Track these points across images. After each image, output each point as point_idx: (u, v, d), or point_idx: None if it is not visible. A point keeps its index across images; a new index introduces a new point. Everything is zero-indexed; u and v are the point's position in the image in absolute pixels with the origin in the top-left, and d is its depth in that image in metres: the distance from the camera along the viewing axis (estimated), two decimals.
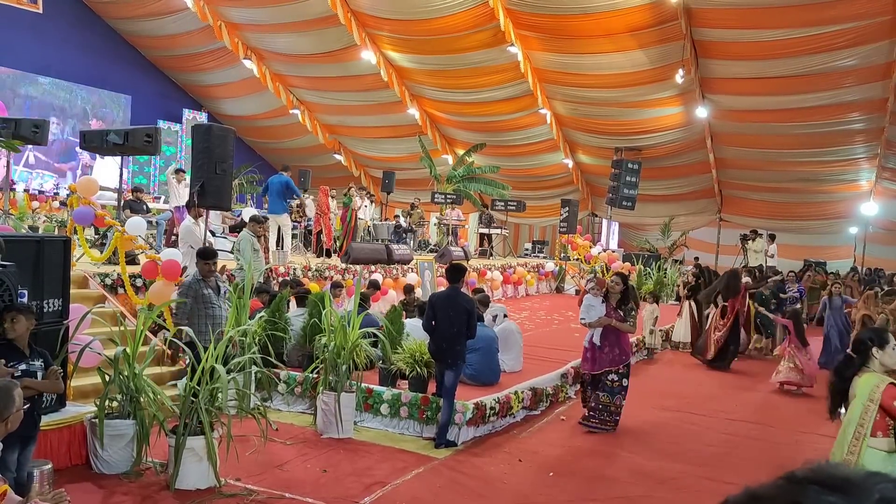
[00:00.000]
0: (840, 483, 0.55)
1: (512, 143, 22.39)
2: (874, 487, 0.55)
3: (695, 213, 22.56)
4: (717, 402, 8.89)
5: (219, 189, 8.54)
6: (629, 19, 16.27)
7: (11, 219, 10.06)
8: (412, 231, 18.19)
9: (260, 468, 5.46)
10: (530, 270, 18.37)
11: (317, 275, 11.45)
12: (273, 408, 7.25)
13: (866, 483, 0.56)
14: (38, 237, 6.78)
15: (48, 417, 5.19)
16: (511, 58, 18.40)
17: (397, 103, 21.71)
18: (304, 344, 7.91)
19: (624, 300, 7.17)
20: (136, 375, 5.39)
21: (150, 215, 12.68)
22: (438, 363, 6.58)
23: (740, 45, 16.16)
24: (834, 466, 0.58)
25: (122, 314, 7.28)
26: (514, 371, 8.34)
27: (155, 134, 9.56)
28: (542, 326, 12.62)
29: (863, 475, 0.57)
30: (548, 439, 6.88)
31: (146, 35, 22.61)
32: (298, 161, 22.49)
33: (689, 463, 6.36)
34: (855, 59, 15.57)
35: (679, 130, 19.88)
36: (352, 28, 18.81)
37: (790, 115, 17.60)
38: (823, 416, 8.61)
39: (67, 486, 4.88)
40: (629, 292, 7.25)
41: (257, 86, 22.69)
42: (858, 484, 0.55)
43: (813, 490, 0.55)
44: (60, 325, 5.58)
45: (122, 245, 8.10)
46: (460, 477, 5.73)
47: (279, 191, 12.23)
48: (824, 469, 0.57)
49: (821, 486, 0.55)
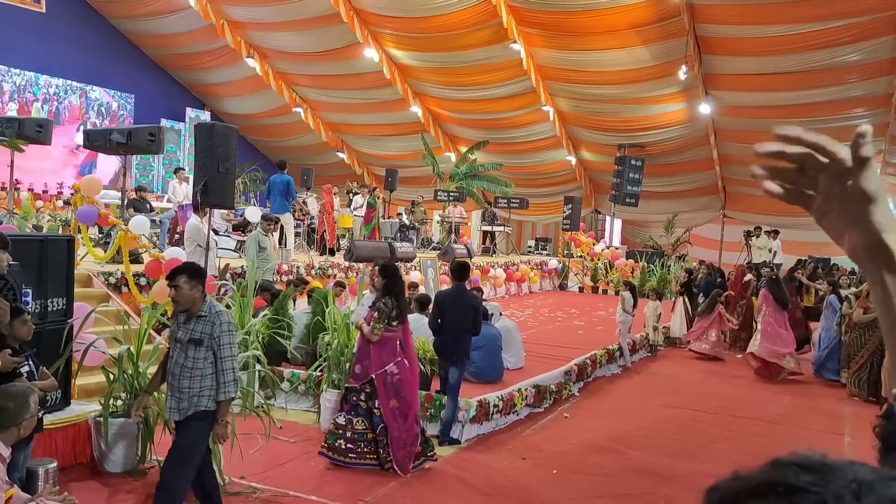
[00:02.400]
0: (819, 465, 0.60)
1: (515, 140, 22.36)
2: (850, 469, 0.59)
3: (698, 210, 22.51)
4: (721, 399, 8.88)
5: (222, 188, 8.53)
6: (632, 15, 16.24)
7: (16, 218, 10.09)
8: (415, 228, 18.20)
9: (264, 466, 5.47)
10: (533, 268, 18.36)
11: (320, 273, 11.46)
12: (276, 406, 7.25)
13: (844, 467, 0.59)
14: (42, 236, 6.80)
15: (53, 416, 5.20)
16: (514, 55, 18.38)
17: (400, 101, 21.70)
18: (307, 342, 7.92)
19: (384, 295, 5.66)
20: (141, 374, 5.40)
21: (153, 214, 12.71)
22: (443, 360, 6.58)
23: (743, 41, 16.11)
24: (818, 453, 0.62)
25: (126, 313, 7.29)
26: (516, 368, 8.34)
27: (158, 133, 9.58)
28: (545, 324, 12.62)
29: (843, 461, 0.61)
30: (551, 436, 6.88)
31: (149, 34, 22.63)
32: (301, 160, 22.50)
33: (694, 460, 6.35)
34: (859, 55, 15.50)
35: (682, 127, 19.84)
36: (354, 26, 18.81)
37: (794, 112, 17.53)
38: (827, 413, 8.62)
39: (72, 485, 4.90)
40: (391, 286, 5.69)
41: (260, 84, 22.70)
42: (836, 467, 0.59)
43: (792, 469, 0.60)
44: (64, 324, 5.59)
45: (126, 244, 8.12)
46: (464, 474, 5.73)
47: (281, 190, 12.25)
48: (808, 454, 0.62)
49: (800, 467, 0.60)
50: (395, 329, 5.66)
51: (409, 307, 6.14)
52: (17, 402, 3.39)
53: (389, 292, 5.65)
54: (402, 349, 5.78)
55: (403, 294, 5.94)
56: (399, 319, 5.68)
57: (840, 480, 0.58)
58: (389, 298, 5.62)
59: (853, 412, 8.57)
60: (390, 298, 5.62)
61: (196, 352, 4.12)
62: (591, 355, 9.29)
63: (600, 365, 9.55)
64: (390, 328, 5.61)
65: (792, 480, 0.59)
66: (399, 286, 5.80)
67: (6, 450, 3.37)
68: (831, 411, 8.64)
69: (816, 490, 0.57)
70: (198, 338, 4.13)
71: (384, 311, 5.56)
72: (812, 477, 0.58)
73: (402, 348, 5.79)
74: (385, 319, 5.55)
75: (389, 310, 5.57)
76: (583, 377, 8.94)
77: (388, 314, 5.56)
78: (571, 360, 8.87)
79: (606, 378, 9.69)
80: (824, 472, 0.59)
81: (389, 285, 5.68)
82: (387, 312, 5.56)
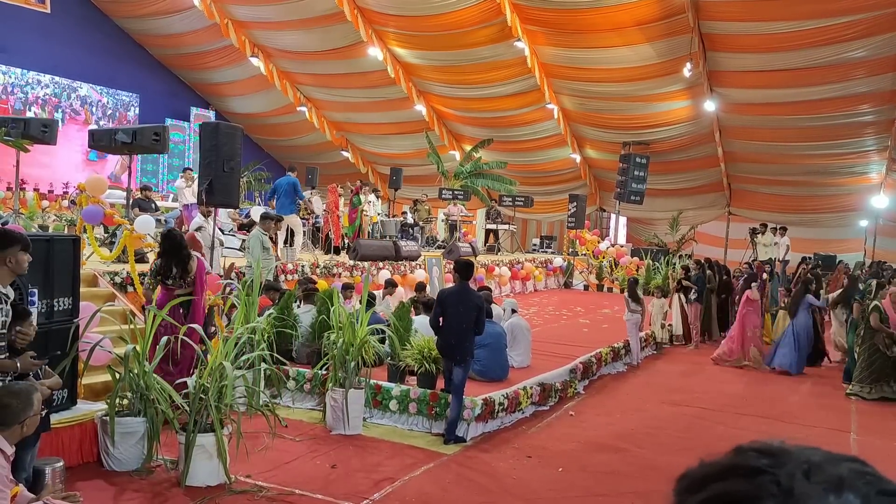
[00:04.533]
0: (776, 450, 0.67)
1: (519, 138, 22.35)
2: (804, 453, 0.67)
3: (703, 208, 22.46)
4: (725, 396, 8.86)
5: (227, 187, 8.56)
6: (636, 13, 16.20)
7: (22, 218, 10.12)
8: (420, 227, 18.19)
9: (269, 465, 5.48)
10: (538, 266, 18.35)
11: (325, 272, 11.48)
12: (282, 405, 7.27)
13: (798, 451, 0.67)
14: (48, 236, 6.80)
15: (59, 415, 5.22)
16: (518, 53, 18.36)
17: (404, 99, 21.70)
18: (312, 341, 7.93)
19: (159, 257, 6.53)
20: (146, 373, 5.41)
21: (158, 213, 12.74)
22: (447, 360, 6.57)
23: (748, 37, 16.07)
24: (777, 440, 0.70)
25: (132, 312, 7.31)
26: (522, 367, 8.34)
27: (163, 132, 9.60)
28: (550, 322, 12.61)
29: (798, 447, 0.68)
30: (556, 434, 6.88)
31: (153, 34, 22.69)
32: (306, 159, 22.55)
33: (699, 458, 6.32)
34: (865, 51, 15.44)
35: (687, 124, 19.79)
36: (358, 25, 18.82)
37: (799, 108, 17.49)
38: (834, 411, 8.60)
39: (79, 484, 4.92)
40: (166, 249, 6.48)
41: (264, 83, 22.73)
42: (791, 451, 0.67)
43: (752, 454, 0.68)
44: (71, 324, 5.60)
45: (132, 243, 8.15)
46: (469, 473, 5.73)
47: (287, 191, 12.27)
48: (769, 441, 0.69)
49: (759, 452, 0.68)
50: (170, 288, 6.43)
51: (188, 268, 6.57)
52: (20, 399, 3.40)
53: (164, 254, 6.46)
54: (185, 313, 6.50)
55: (182, 258, 6.51)
56: (174, 280, 6.43)
57: (793, 462, 0.65)
58: (163, 259, 6.45)
59: (859, 409, 8.55)
60: (164, 259, 6.44)
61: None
62: (596, 353, 9.28)
63: (606, 363, 9.54)
64: (166, 286, 6.45)
65: (752, 463, 0.66)
66: (175, 251, 6.48)
67: (9, 447, 3.38)
68: (838, 408, 8.62)
69: (773, 471, 0.65)
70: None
71: (153, 270, 6.53)
72: (769, 460, 0.66)
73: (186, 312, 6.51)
74: (155, 276, 6.48)
75: (158, 268, 6.46)
76: (588, 375, 8.93)
77: (156, 272, 6.48)
78: (577, 358, 8.86)
79: (612, 376, 9.68)
80: (780, 456, 0.66)
81: (164, 248, 6.49)
82: (154, 271, 6.50)
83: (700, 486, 0.68)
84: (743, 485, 0.65)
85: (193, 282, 6.52)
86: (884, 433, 7.66)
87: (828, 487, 0.63)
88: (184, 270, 6.44)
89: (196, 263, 6.59)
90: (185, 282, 6.46)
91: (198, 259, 6.70)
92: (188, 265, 6.48)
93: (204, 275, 6.72)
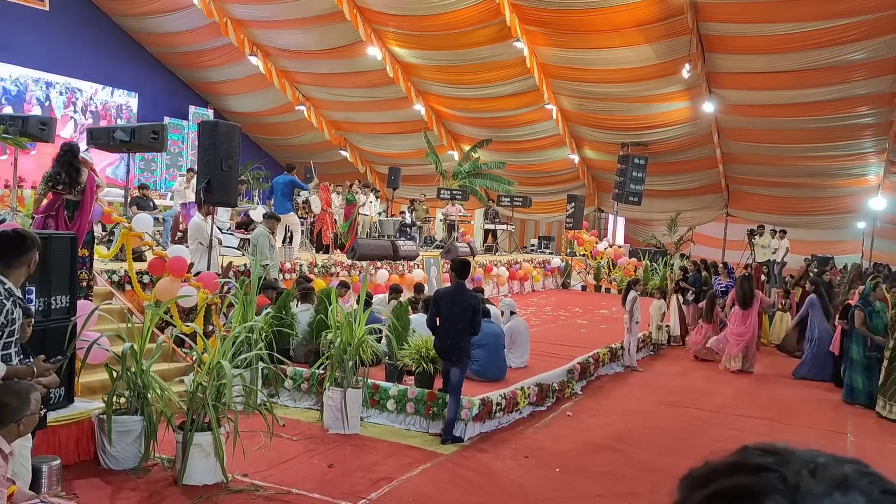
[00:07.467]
0: (782, 450, 0.69)
1: (518, 138, 22.34)
2: (809, 454, 0.68)
3: (702, 209, 22.47)
4: (723, 397, 8.88)
5: (225, 185, 8.55)
6: (636, 14, 16.21)
7: (19, 215, 10.10)
8: (418, 226, 18.18)
9: (267, 464, 5.48)
10: (536, 266, 18.34)
11: (323, 271, 11.47)
12: (280, 404, 7.28)
13: (804, 452, 0.68)
14: (46, 234, 6.79)
15: (56, 413, 5.21)
16: (517, 53, 18.36)
17: (403, 99, 21.69)
18: (310, 340, 7.93)
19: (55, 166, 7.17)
20: (144, 372, 5.41)
21: (156, 212, 12.73)
22: (444, 361, 6.56)
23: (747, 39, 16.07)
24: (782, 442, 0.71)
25: (130, 310, 7.31)
26: (520, 367, 8.34)
27: (161, 131, 9.59)
28: (548, 322, 12.61)
29: (803, 449, 0.69)
30: (554, 435, 6.88)
31: (152, 32, 22.66)
32: (304, 158, 22.46)
33: (697, 458, 6.28)
34: (864, 53, 15.45)
35: (686, 125, 19.80)
36: (357, 24, 18.81)
37: (798, 110, 17.50)
38: (830, 412, 8.61)
39: (75, 482, 4.92)
40: (60, 160, 7.09)
41: (263, 82, 22.71)
42: (797, 452, 0.69)
43: (758, 453, 0.69)
44: (68, 322, 5.59)
45: (129, 242, 8.13)
46: (466, 473, 5.73)
47: (283, 191, 12.25)
48: (773, 443, 0.71)
49: (765, 451, 0.69)
50: (60, 193, 6.88)
51: (79, 179, 7.00)
52: (18, 398, 3.39)
53: (57, 162, 6.90)
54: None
55: (73, 167, 6.94)
56: (64, 186, 6.87)
57: (799, 462, 0.66)
58: (56, 167, 6.89)
59: (855, 411, 8.56)
60: (56, 167, 6.89)
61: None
62: (593, 354, 9.29)
63: (603, 363, 9.55)
64: (56, 192, 6.88)
65: (758, 461, 0.68)
66: (67, 159, 6.95)
67: (7, 447, 3.37)
68: (834, 410, 8.63)
69: (778, 469, 0.66)
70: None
71: (45, 178, 6.94)
72: (775, 459, 0.68)
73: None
74: (47, 182, 6.88)
75: (50, 175, 6.88)
76: (586, 376, 8.93)
77: (48, 179, 6.89)
78: (574, 358, 8.87)
79: (609, 377, 9.69)
80: (786, 455, 0.68)
81: (58, 158, 6.94)
82: (46, 178, 6.92)
83: (706, 483, 0.69)
84: (749, 480, 0.66)
85: (83, 192, 6.99)
86: (880, 435, 7.68)
87: (834, 485, 0.64)
88: (73, 179, 6.89)
89: (87, 176, 7.06)
90: (75, 191, 6.93)
91: (89, 174, 7.18)
92: (79, 175, 6.94)
93: (94, 187, 7.28)
